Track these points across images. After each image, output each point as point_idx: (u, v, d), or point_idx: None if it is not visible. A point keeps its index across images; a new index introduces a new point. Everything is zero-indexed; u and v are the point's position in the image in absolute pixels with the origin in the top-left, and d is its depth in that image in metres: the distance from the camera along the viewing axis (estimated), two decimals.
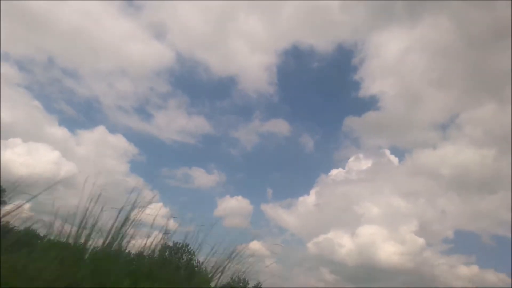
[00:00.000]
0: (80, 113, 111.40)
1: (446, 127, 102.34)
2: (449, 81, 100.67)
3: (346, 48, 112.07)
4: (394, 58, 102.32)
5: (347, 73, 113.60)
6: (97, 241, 3.93)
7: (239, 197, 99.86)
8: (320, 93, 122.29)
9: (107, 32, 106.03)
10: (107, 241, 4.02)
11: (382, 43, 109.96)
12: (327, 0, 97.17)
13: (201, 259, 5.47)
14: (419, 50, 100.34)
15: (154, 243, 4.64)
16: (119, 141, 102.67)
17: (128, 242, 4.33)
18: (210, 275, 4.79)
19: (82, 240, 3.86)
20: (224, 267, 4.76)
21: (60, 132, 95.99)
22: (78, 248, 3.68)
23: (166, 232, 4.89)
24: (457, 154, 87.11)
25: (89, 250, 3.87)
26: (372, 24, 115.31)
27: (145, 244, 4.56)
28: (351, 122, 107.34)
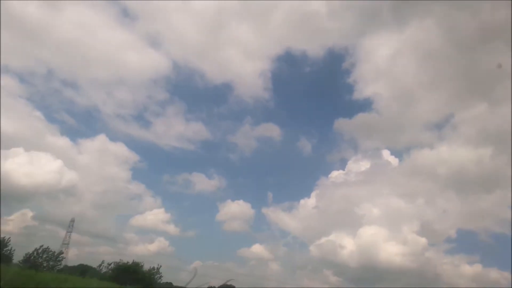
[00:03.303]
0: (80, 123, 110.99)
1: (441, 127, 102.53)
2: (440, 82, 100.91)
3: (337, 53, 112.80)
4: (385, 62, 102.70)
5: (340, 76, 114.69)
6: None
7: (240, 201, 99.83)
8: (315, 97, 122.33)
9: (104, 42, 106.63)
10: None
11: (372, 47, 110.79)
12: (314, 2, 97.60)
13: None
14: (408, 53, 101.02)
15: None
16: (120, 149, 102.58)
17: None
18: None
19: None
20: None
21: (61, 141, 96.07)
22: None
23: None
24: (454, 154, 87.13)
25: None
26: (361, 29, 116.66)
27: None
28: (342, 124, 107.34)
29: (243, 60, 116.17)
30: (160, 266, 38.35)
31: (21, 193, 79.93)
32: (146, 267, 36.20)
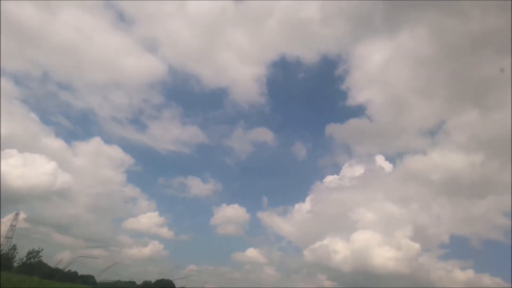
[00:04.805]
0: (76, 125, 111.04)
1: (433, 134, 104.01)
2: (432, 89, 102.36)
3: (331, 59, 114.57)
4: (378, 68, 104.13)
5: (334, 83, 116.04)
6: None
7: (236, 205, 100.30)
8: (310, 103, 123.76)
9: (100, 46, 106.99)
10: None
11: (365, 54, 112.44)
12: (309, 9, 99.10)
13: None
14: (400, 61, 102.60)
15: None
16: (115, 152, 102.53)
17: None
18: None
19: None
20: None
21: (56, 143, 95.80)
22: None
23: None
24: (446, 160, 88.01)
25: None
26: (354, 36, 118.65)
27: None
28: (333, 129, 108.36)
29: (239, 65, 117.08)
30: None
31: (14, 195, 79.26)
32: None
